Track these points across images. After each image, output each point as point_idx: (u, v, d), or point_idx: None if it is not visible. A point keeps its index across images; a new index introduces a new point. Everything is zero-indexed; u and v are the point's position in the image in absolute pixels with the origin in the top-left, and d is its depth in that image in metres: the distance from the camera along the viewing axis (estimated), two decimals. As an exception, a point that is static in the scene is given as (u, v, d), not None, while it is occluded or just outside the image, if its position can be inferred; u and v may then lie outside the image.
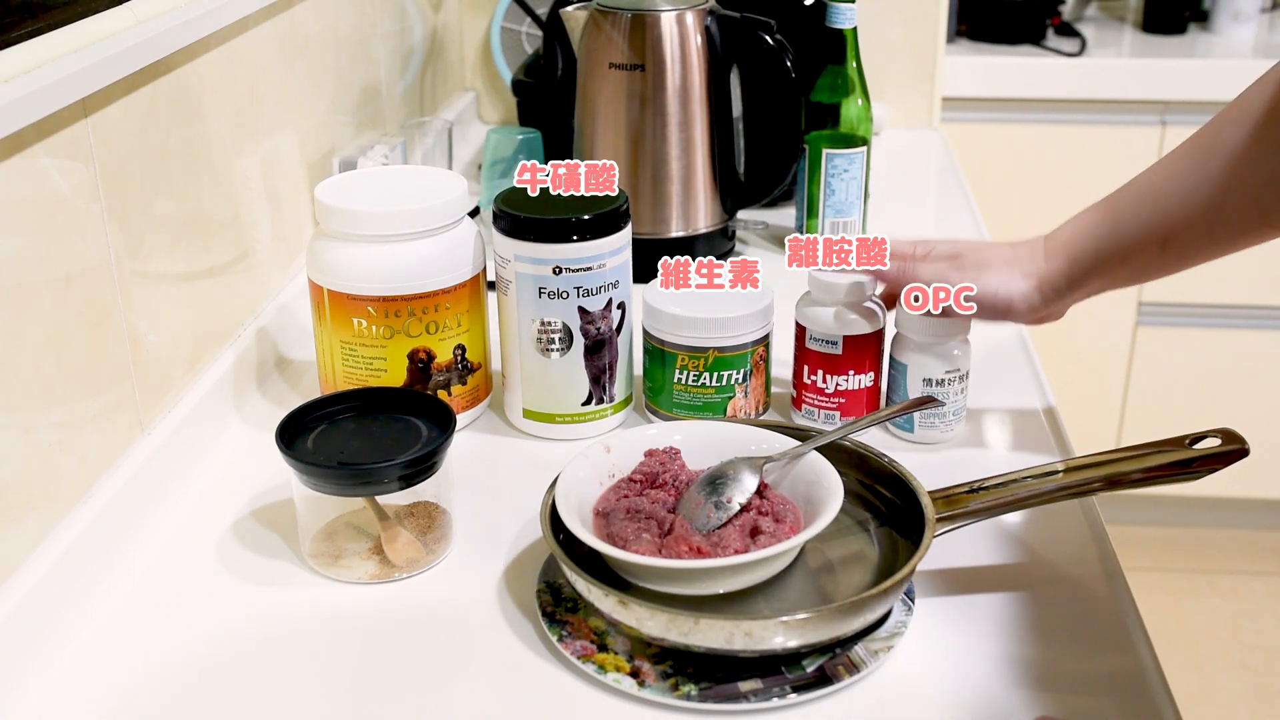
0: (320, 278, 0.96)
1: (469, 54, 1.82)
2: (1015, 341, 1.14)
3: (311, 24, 1.23)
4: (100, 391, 0.85)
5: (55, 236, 0.80)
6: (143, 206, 0.91)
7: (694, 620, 0.71)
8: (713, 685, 0.72)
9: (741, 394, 0.97)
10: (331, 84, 1.29)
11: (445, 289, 0.96)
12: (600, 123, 1.26)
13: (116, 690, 0.74)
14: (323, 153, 1.26)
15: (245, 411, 1.04)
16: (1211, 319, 2.25)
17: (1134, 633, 0.77)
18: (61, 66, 0.78)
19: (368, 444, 0.84)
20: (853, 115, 1.28)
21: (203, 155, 1.00)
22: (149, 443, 0.90)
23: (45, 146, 0.78)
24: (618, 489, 0.84)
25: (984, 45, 2.27)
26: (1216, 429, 0.82)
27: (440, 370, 0.98)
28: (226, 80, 1.04)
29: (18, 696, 0.73)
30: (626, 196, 0.97)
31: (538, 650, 0.77)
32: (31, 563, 0.77)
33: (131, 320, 0.89)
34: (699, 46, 1.23)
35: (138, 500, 0.88)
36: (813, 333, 0.96)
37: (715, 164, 1.27)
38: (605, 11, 1.24)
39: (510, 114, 1.79)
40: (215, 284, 1.03)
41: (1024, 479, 0.82)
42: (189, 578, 0.85)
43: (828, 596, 0.79)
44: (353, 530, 0.86)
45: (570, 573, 0.76)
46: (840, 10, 1.26)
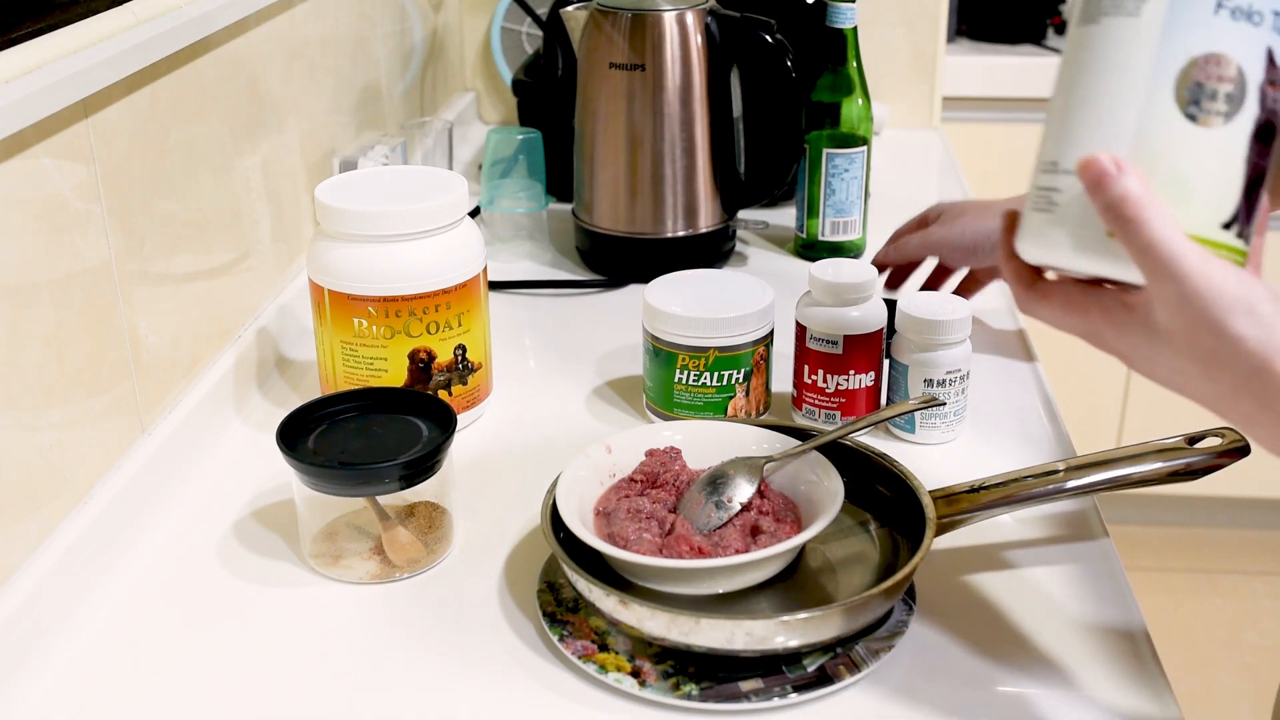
0: (321, 278, 0.96)
1: (469, 54, 1.82)
2: (1016, 341, 1.14)
3: (311, 24, 1.23)
4: (100, 392, 0.85)
5: (56, 237, 0.80)
6: (143, 207, 0.91)
7: (695, 620, 0.71)
8: (714, 685, 0.72)
9: (742, 394, 0.97)
10: (331, 84, 1.29)
11: (446, 289, 0.96)
12: (600, 123, 1.26)
13: (117, 690, 0.74)
14: (323, 153, 1.26)
15: (246, 412, 1.04)
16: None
17: (1135, 632, 0.77)
18: (62, 67, 0.78)
19: (368, 444, 0.84)
20: (853, 115, 1.28)
21: (203, 156, 1.00)
22: (149, 443, 0.90)
23: (46, 147, 0.78)
24: (618, 489, 0.84)
25: (984, 45, 2.27)
26: (1217, 428, 0.82)
27: (441, 370, 0.98)
28: (227, 81, 1.04)
29: (18, 696, 0.73)
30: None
31: (538, 650, 0.77)
32: (32, 563, 0.77)
33: (132, 320, 0.89)
34: (699, 46, 1.23)
35: (138, 501, 0.88)
36: (813, 333, 0.96)
37: (716, 164, 1.27)
38: (605, 11, 1.24)
39: (510, 114, 1.79)
40: (216, 284, 1.03)
41: (1024, 479, 0.82)
42: (190, 578, 0.85)
43: (828, 596, 0.79)
44: (353, 530, 0.86)
45: (571, 572, 0.76)
46: (840, 10, 1.26)
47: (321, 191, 0.97)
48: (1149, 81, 0.58)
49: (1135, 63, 0.59)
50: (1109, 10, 0.60)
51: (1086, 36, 0.61)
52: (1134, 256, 0.58)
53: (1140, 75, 0.58)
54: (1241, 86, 0.58)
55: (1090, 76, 0.60)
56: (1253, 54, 0.58)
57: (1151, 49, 0.58)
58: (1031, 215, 0.62)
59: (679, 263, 1.17)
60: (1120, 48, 0.59)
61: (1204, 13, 0.58)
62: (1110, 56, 0.60)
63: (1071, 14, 0.63)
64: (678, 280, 1.01)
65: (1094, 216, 0.59)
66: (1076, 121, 0.60)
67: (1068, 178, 0.60)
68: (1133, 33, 0.59)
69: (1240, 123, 0.58)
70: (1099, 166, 0.58)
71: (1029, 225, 0.62)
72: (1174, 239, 0.57)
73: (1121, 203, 0.57)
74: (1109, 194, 0.58)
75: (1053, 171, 0.61)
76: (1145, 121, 0.58)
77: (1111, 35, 0.60)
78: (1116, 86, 0.59)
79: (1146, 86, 0.58)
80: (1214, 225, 0.59)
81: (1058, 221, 0.61)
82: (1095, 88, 0.60)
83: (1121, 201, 0.57)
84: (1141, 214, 0.57)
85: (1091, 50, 0.60)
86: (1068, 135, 0.61)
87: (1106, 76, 0.60)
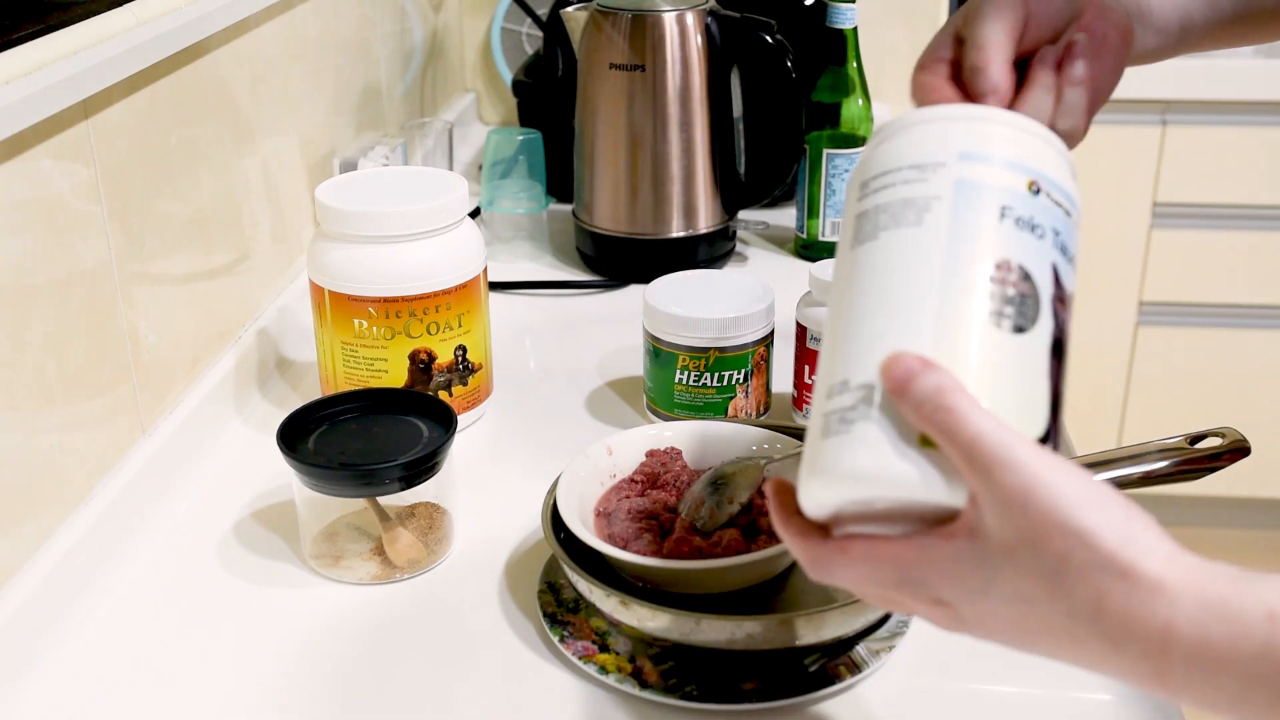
0: (321, 279, 0.96)
1: (469, 55, 1.82)
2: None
3: (312, 25, 1.23)
4: (101, 393, 0.85)
5: (56, 238, 0.80)
6: (143, 208, 0.91)
7: (695, 620, 0.71)
8: (714, 685, 0.72)
9: (742, 394, 0.98)
10: (332, 85, 1.29)
11: (446, 290, 0.96)
12: (601, 123, 1.26)
13: (117, 691, 0.74)
14: (323, 154, 1.26)
15: (246, 413, 1.04)
16: (1211, 319, 2.25)
17: (1135, 632, 0.77)
18: (62, 68, 0.78)
19: (369, 445, 0.84)
20: (853, 115, 1.28)
21: (203, 156, 1.00)
22: (150, 444, 0.90)
23: (46, 148, 0.78)
24: (619, 489, 0.84)
25: (984, 45, 2.27)
26: (1217, 428, 0.82)
27: (441, 371, 0.98)
28: (227, 82, 1.04)
29: (19, 697, 0.73)
30: None
31: (539, 651, 0.77)
32: (33, 564, 0.77)
33: (132, 321, 0.89)
34: (699, 47, 1.23)
35: (139, 502, 0.88)
36: (813, 333, 0.96)
37: (716, 164, 1.27)
38: (605, 12, 1.24)
39: (510, 115, 1.79)
40: (216, 285, 1.03)
41: (1025, 479, 0.81)
42: (190, 579, 0.85)
43: (829, 596, 0.79)
44: (354, 531, 0.86)
45: (571, 573, 0.76)
46: (840, 10, 1.26)
47: (322, 192, 0.97)
48: (941, 289, 0.53)
49: (924, 272, 0.54)
50: (887, 225, 0.56)
51: (865, 254, 0.56)
52: (957, 456, 0.49)
53: (932, 284, 0.54)
54: (1035, 295, 0.54)
55: (877, 290, 0.55)
56: (1041, 265, 0.54)
57: (940, 257, 0.54)
58: (820, 448, 0.53)
59: (679, 263, 1.18)
60: (905, 259, 0.55)
61: (989, 219, 0.55)
62: (896, 268, 0.55)
63: (838, 249, 0.60)
64: (678, 280, 1.01)
65: (902, 426, 0.51)
66: (867, 334, 0.54)
67: (863, 391, 0.52)
68: (917, 243, 0.55)
69: (1039, 333, 0.53)
70: (905, 363, 0.51)
71: (816, 464, 0.53)
72: (1001, 429, 0.49)
73: (938, 394, 0.49)
74: (921, 389, 0.50)
75: (843, 391, 0.53)
76: (944, 327, 0.53)
77: (894, 248, 0.55)
78: (908, 296, 0.54)
79: (939, 293, 0.53)
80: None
81: (857, 442, 0.52)
82: (884, 301, 0.54)
83: (937, 393, 0.49)
84: (960, 405, 0.49)
85: (873, 266, 0.56)
86: (858, 350, 0.54)
87: (895, 288, 0.54)
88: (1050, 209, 0.56)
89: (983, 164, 0.56)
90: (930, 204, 0.56)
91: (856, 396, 0.53)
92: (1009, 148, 0.57)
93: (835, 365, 0.55)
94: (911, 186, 0.57)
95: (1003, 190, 0.56)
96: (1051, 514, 0.47)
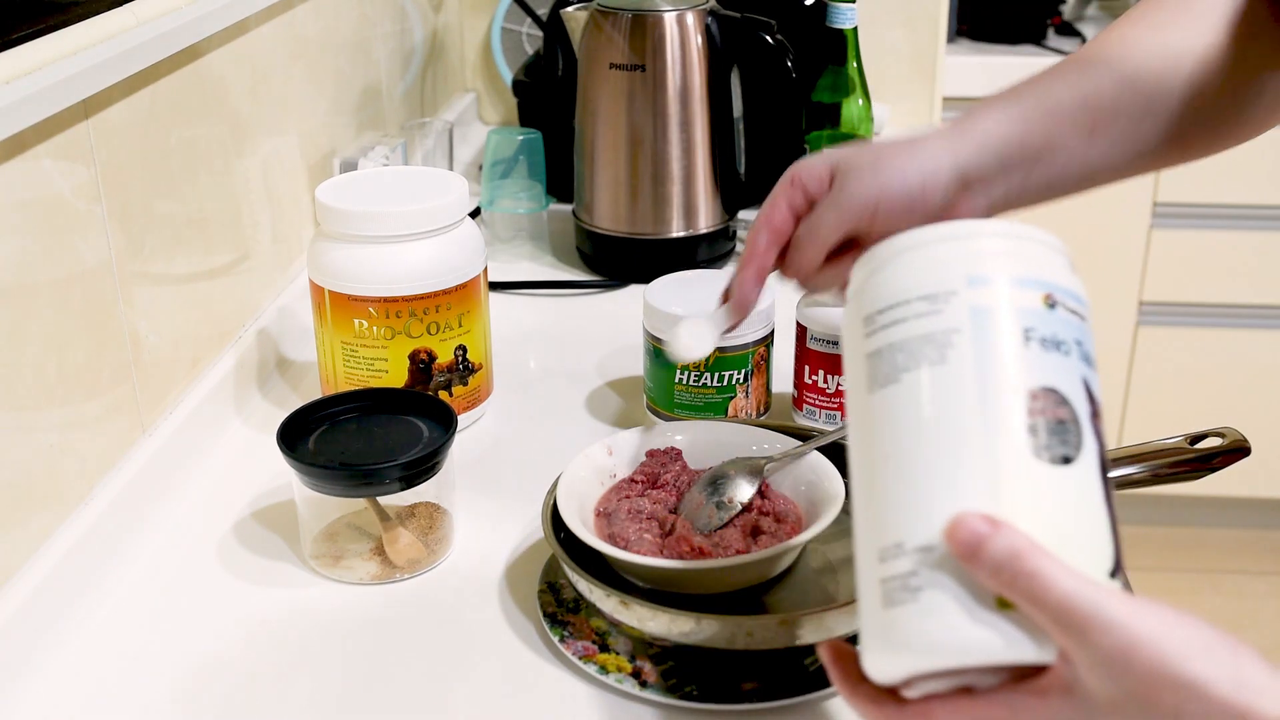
0: (321, 279, 0.96)
1: (469, 55, 1.82)
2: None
3: (312, 25, 1.23)
4: (101, 393, 0.85)
5: (56, 238, 0.80)
6: (144, 208, 0.91)
7: (695, 620, 0.71)
8: (714, 685, 0.72)
9: (742, 394, 0.97)
10: (332, 85, 1.29)
11: (446, 290, 0.96)
12: (601, 123, 1.26)
13: (117, 691, 0.74)
14: (323, 154, 1.26)
15: (246, 413, 1.04)
16: (1211, 319, 2.25)
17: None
18: (62, 68, 0.78)
19: (369, 445, 0.84)
20: (853, 115, 1.28)
21: (203, 156, 1.00)
22: (150, 444, 0.90)
23: (46, 148, 0.78)
24: (619, 489, 0.84)
25: (984, 45, 2.27)
26: (1218, 428, 0.82)
27: (441, 371, 0.98)
28: (227, 82, 1.04)
29: (19, 697, 0.73)
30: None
31: (539, 651, 0.77)
32: (33, 564, 0.77)
33: (132, 321, 0.89)
34: (699, 47, 1.23)
35: (139, 502, 0.88)
36: (813, 333, 0.96)
37: (716, 164, 1.27)
38: (605, 12, 1.24)
39: (511, 114, 1.79)
40: (216, 285, 1.03)
41: (1025, 479, 0.81)
42: (190, 579, 0.85)
43: (829, 596, 0.79)
44: (354, 531, 0.86)
45: (572, 573, 0.76)
46: (840, 10, 1.26)
47: (322, 192, 0.97)
48: (983, 432, 0.50)
49: (960, 415, 0.51)
50: (907, 366, 0.52)
51: (888, 400, 0.53)
52: (1045, 619, 0.47)
53: (971, 428, 0.50)
54: (1075, 419, 0.51)
55: (912, 441, 0.51)
56: (1074, 384, 0.52)
57: (972, 396, 0.51)
58: (886, 619, 0.50)
59: (679, 263, 1.18)
60: (935, 402, 0.51)
61: (1015, 346, 0.51)
62: (926, 413, 0.51)
63: (850, 388, 0.56)
64: (678, 280, 1.01)
65: (973, 588, 0.48)
66: (913, 491, 0.51)
67: (921, 554, 0.49)
68: (944, 384, 0.51)
69: (1086, 459, 0.51)
70: (971, 527, 0.48)
71: (889, 637, 0.50)
72: (1086, 587, 0.47)
73: (1015, 559, 0.47)
74: (995, 554, 0.47)
75: (899, 554, 0.50)
76: (995, 473, 0.50)
77: (919, 392, 0.52)
78: (948, 445, 0.50)
79: (981, 437, 0.50)
80: (1103, 576, 0.50)
81: (929, 612, 0.49)
82: (923, 453, 0.51)
83: (1015, 558, 0.47)
84: (1042, 568, 0.47)
85: (901, 413, 0.52)
86: (907, 509, 0.51)
87: (933, 438, 0.51)
88: (1069, 320, 0.54)
89: (994, 286, 0.53)
90: (950, 338, 0.52)
91: (915, 560, 0.50)
92: (1014, 262, 0.54)
93: (885, 525, 0.51)
94: (926, 320, 0.53)
95: (1021, 311, 0.53)
96: (1158, 670, 0.46)
